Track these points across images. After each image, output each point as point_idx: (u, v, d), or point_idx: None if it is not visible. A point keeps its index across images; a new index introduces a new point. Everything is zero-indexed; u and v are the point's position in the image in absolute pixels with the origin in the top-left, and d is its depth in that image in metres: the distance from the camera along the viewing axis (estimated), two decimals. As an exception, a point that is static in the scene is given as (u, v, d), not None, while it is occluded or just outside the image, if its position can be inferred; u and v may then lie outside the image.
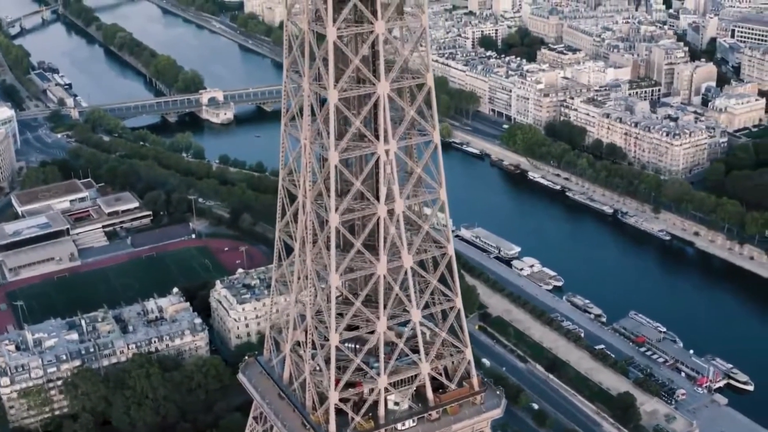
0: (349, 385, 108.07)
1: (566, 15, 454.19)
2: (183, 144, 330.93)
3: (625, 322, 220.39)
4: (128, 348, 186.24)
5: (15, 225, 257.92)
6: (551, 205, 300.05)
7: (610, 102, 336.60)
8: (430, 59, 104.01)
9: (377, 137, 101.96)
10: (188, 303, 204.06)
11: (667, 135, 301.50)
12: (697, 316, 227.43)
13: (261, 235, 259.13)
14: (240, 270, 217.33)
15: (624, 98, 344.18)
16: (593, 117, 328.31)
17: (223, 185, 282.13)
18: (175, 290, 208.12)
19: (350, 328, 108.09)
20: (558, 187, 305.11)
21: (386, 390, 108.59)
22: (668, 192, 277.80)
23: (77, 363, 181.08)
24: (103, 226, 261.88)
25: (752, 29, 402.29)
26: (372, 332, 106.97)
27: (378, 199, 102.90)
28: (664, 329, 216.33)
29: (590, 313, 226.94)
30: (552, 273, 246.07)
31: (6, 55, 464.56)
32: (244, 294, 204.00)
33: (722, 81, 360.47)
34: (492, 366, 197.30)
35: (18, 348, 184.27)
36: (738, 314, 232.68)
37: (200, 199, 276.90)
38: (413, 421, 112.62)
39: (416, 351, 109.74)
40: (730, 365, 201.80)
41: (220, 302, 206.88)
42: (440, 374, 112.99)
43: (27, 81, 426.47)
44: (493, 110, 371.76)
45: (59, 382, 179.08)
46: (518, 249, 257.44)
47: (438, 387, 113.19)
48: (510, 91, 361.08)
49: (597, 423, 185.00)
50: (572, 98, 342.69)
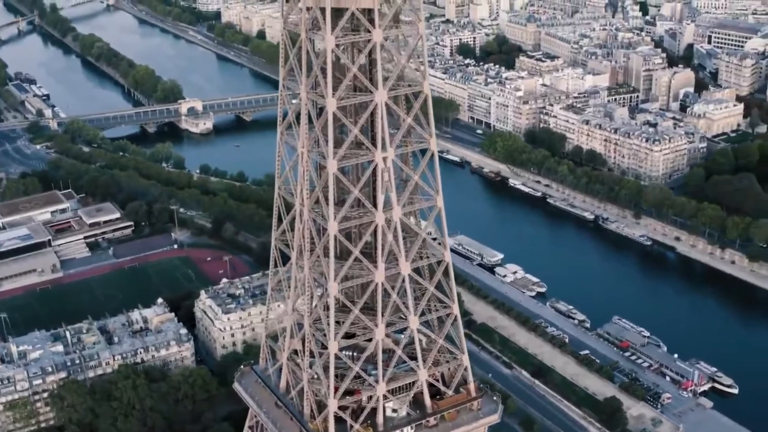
0: (348, 393, 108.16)
1: (544, 22, 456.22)
2: (163, 154, 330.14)
3: (609, 327, 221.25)
4: (114, 359, 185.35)
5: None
6: (532, 212, 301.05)
7: (590, 109, 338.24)
8: (427, 67, 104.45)
9: (374, 145, 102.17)
10: (173, 313, 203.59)
11: (647, 141, 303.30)
12: (680, 321, 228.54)
13: (243, 245, 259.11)
14: (224, 280, 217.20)
15: (603, 105, 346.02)
16: (573, 124, 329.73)
17: (205, 195, 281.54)
18: (160, 301, 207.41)
19: (347, 336, 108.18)
20: (539, 194, 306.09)
21: (385, 397, 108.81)
22: (649, 197, 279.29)
23: (63, 375, 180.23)
24: (85, 237, 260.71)
25: (729, 35, 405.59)
26: (369, 340, 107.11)
27: (376, 207, 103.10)
28: (648, 334, 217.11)
29: (574, 319, 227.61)
30: (535, 279, 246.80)
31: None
32: (229, 304, 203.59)
33: (700, 87, 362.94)
34: (478, 373, 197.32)
35: (2, 360, 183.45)
36: (720, 318, 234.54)
37: (182, 209, 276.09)
38: (411, 428, 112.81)
39: (414, 358, 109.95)
40: (715, 369, 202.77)
41: (205, 312, 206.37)
42: (437, 380, 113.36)
43: (4, 92, 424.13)
44: (473, 118, 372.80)
45: (45, 395, 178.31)
46: (501, 256, 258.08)
47: (435, 393, 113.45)
48: (489, 99, 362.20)
49: (584, 428, 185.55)
50: (551, 105, 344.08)
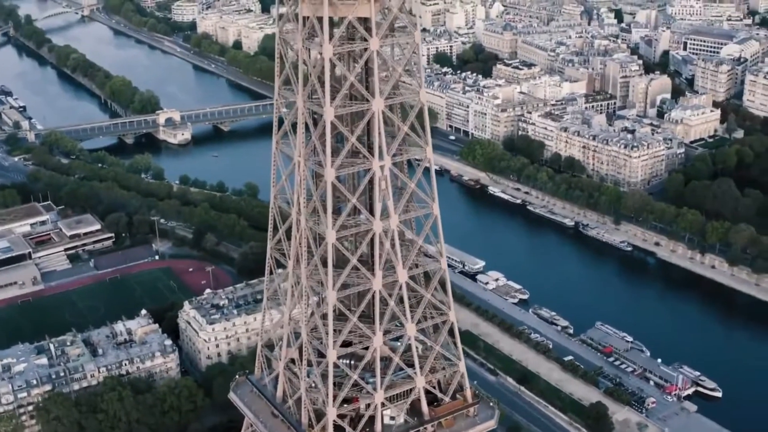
0: (346, 401, 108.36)
1: (520, 31, 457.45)
2: (142, 165, 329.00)
3: (592, 333, 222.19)
4: (99, 371, 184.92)
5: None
6: (512, 219, 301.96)
7: (567, 116, 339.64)
8: (423, 75, 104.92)
9: (371, 153, 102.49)
10: (157, 325, 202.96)
11: (625, 147, 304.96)
12: (662, 326, 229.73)
13: (225, 255, 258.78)
14: (208, 290, 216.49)
15: (580, 112, 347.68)
16: (551, 131, 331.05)
17: (185, 206, 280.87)
18: (144, 312, 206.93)
19: (343, 345, 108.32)
20: (518, 201, 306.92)
21: (383, 405, 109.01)
22: (629, 203, 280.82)
23: (48, 388, 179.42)
24: (65, 249, 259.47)
25: (704, 41, 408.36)
26: (365, 348, 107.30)
27: (373, 215, 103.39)
28: (631, 339, 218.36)
29: (557, 325, 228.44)
30: (517, 286, 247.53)
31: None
32: (214, 314, 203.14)
33: (677, 93, 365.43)
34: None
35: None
36: (702, 322, 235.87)
37: (162, 221, 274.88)
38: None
39: (411, 365, 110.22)
40: (698, 373, 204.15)
41: (189, 323, 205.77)
42: (434, 387, 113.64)
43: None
44: (451, 126, 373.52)
45: (30, 408, 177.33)
46: (482, 263, 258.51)
47: (432, 400, 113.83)
48: (467, 107, 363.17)
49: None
50: (529, 113, 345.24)
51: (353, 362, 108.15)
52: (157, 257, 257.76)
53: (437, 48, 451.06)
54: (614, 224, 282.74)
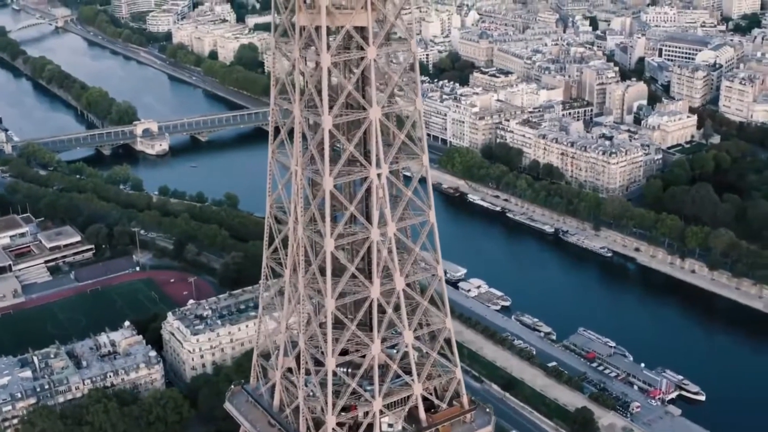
0: (344, 409, 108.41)
1: (496, 39, 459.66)
2: (121, 176, 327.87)
3: (575, 339, 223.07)
4: (84, 383, 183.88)
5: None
6: (492, 227, 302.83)
7: (545, 123, 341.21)
8: (420, 84, 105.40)
9: (368, 161, 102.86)
10: (141, 336, 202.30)
11: (604, 154, 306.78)
12: (644, 330, 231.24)
13: (206, 266, 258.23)
14: (191, 301, 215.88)
15: (558, 119, 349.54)
16: (529, 138, 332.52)
17: (165, 217, 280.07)
18: (127, 324, 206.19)
19: (340, 353, 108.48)
20: (498, 209, 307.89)
21: (381, 412, 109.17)
22: (608, 210, 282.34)
23: (32, 401, 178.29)
24: (46, 262, 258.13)
25: (679, 47, 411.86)
26: (364, 355, 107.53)
27: (371, 223, 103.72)
28: (614, 344, 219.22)
29: (540, 332, 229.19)
30: (499, 293, 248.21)
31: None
32: (198, 325, 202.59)
33: (653, 99, 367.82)
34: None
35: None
36: (683, 327, 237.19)
37: (142, 232, 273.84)
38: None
39: (408, 372, 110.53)
40: (681, 377, 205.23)
41: (173, 334, 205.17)
42: (431, 394, 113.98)
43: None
44: (429, 134, 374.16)
45: (15, 421, 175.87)
46: (464, 271, 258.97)
47: (429, 407, 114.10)
48: (445, 115, 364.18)
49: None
50: (507, 120, 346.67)
51: (350, 370, 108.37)
52: (138, 268, 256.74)
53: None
54: (594, 230, 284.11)
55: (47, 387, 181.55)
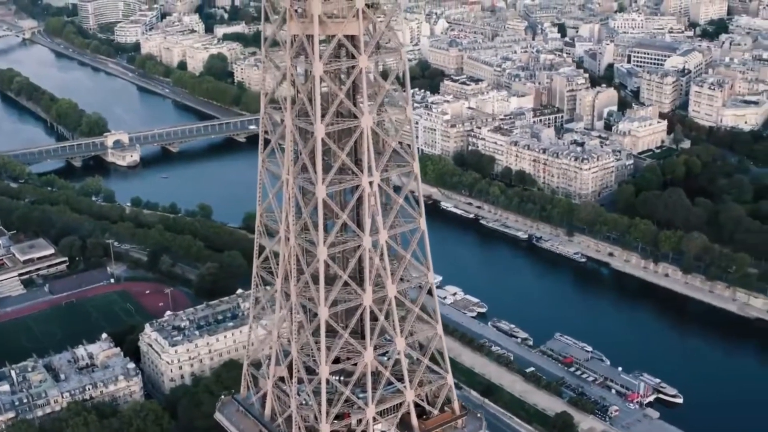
0: (337, 417, 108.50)
1: (465, 47, 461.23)
2: (93, 188, 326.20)
3: (552, 344, 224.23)
4: (62, 397, 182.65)
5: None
6: (466, 234, 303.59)
7: (516, 130, 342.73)
8: (410, 91, 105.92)
9: (360, 170, 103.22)
10: (119, 348, 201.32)
11: (576, 160, 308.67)
12: (620, 335, 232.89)
13: (181, 277, 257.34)
14: (168, 312, 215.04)
15: (529, 126, 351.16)
16: (501, 145, 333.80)
17: (139, 228, 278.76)
18: (105, 336, 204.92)
19: (333, 361, 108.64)
20: (471, 216, 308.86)
21: (374, 419, 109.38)
22: (581, 215, 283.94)
23: (11, 415, 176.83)
24: (19, 275, 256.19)
25: (647, 53, 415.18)
26: (356, 363, 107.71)
27: (363, 231, 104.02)
28: (591, 349, 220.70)
29: (517, 337, 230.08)
30: (475, 300, 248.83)
31: None
32: (176, 336, 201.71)
33: (623, 105, 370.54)
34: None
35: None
36: (659, 330, 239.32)
37: (116, 243, 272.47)
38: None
39: (400, 379, 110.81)
40: (658, 380, 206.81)
41: (151, 346, 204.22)
42: (423, 400, 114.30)
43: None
44: (400, 143, 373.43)
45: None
46: (440, 278, 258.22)
47: (421, 413, 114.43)
48: (416, 123, 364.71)
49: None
50: (479, 128, 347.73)
51: (342, 378, 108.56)
52: (113, 280, 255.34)
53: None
54: (567, 236, 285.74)
55: (26, 401, 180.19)
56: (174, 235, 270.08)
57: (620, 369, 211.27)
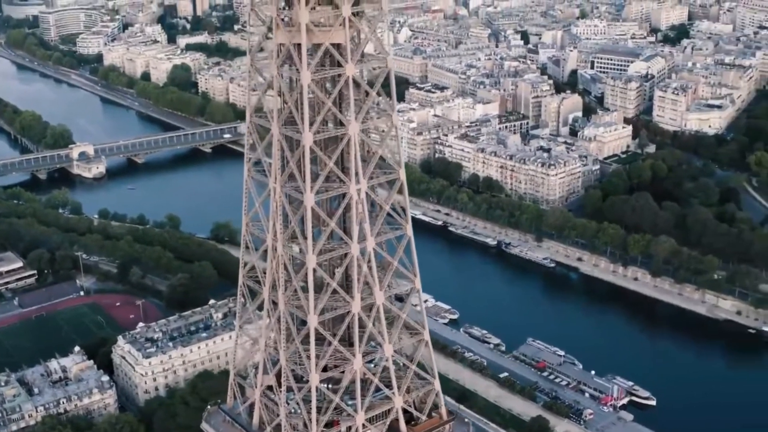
0: (327, 425, 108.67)
1: (429, 54, 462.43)
2: (59, 200, 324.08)
3: (525, 349, 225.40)
4: (36, 411, 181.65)
5: None
6: (435, 241, 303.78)
7: (483, 137, 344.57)
8: (395, 99, 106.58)
9: (348, 177, 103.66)
10: (92, 361, 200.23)
11: (543, 166, 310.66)
12: (592, 338, 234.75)
13: (151, 288, 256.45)
14: (141, 324, 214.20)
15: (495, 132, 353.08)
16: (468, 152, 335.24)
17: (108, 240, 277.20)
18: (77, 349, 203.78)
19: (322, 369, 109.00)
20: (440, 223, 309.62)
21: (363, 426, 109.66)
22: (550, 221, 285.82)
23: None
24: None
25: (611, 59, 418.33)
26: (343, 370, 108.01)
27: (351, 238, 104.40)
28: (563, 353, 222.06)
29: (489, 343, 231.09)
30: (446, 307, 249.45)
31: None
32: (149, 348, 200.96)
33: (587, 111, 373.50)
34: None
35: None
36: (629, 333, 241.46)
37: (84, 255, 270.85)
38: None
39: (388, 385, 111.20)
40: (631, 383, 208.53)
41: (124, 358, 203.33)
42: (410, 406, 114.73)
43: None
44: (367, 151, 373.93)
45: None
46: (411, 286, 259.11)
47: (409, 419, 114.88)
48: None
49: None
50: (445, 135, 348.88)
51: (330, 386, 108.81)
52: (83, 293, 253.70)
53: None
54: (536, 242, 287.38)
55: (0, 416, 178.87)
56: (143, 247, 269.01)
57: (593, 373, 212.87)
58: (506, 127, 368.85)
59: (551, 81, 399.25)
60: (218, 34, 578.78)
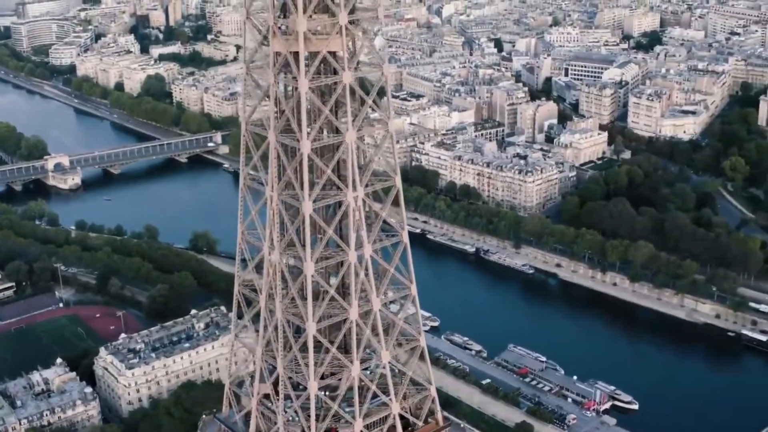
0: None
1: (404, 63, 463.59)
2: (36, 212, 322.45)
3: (506, 356, 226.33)
4: (20, 424, 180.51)
5: None
6: (414, 249, 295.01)
7: (459, 144, 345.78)
8: (391, 106, 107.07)
9: (345, 185, 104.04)
10: (74, 373, 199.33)
11: (520, 173, 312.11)
12: (572, 344, 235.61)
13: (131, 299, 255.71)
14: (123, 335, 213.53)
15: (471, 140, 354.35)
16: (445, 160, 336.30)
17: (86, 251, 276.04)
18: (59, 361, 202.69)
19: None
20: (418, 231, 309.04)
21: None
22: (528, 227, 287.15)
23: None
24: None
25: (584, 66, 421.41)
26: (341, 378, 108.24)
27: (348, 246, 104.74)
28: (545, 359, 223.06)
29: (471, 350, 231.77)
30: (427, 314, 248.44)
31: None
32: (132, 359, 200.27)
33: (563, 118, 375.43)
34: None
35: None
36: (610, 338, 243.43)
37: (62, 267, 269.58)
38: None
39: (385, 392, 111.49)
40: (613, 387, 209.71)
41: (107, 369, 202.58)
42: (407, 413, 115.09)
43: None
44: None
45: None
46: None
47: (405, 426, 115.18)
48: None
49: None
50: (422, 143, 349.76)
51: (327, 393, 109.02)
52: (62, 305, 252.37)
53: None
54: (514, 248, 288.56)
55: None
56: (122, 258, 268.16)
57: (575, 378, 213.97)
58: (482, 135, 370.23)
59: (526, 88, 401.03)
60: (191, 44, 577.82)
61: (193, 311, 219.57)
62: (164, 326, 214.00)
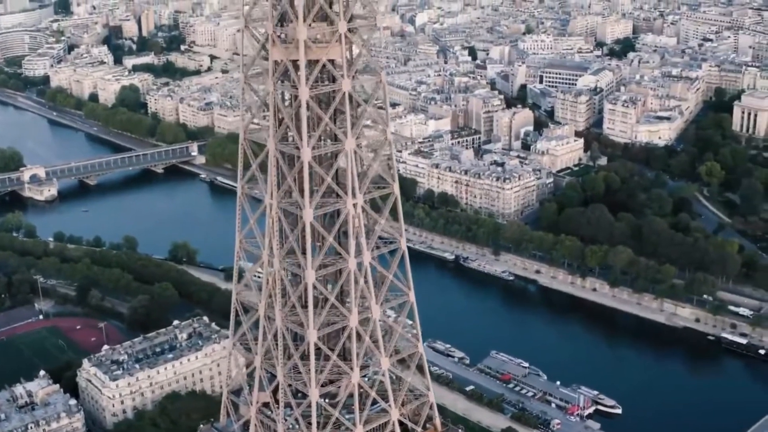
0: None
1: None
2: (13, 224, 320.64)
3: (489, 362, 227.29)
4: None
5: None
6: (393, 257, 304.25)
7: (436, 152, 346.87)
8: (389, 113, 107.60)
9: (344, 192, 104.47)
10: (58, 385, 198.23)
11: (497, 180, 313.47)
12: (554, 350, 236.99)
13: (111, 311, 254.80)
14: (105, 347, 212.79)
15: (448, 148, 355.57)
16: (423, 168, 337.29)
17: (65, 263, 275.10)
18: (42, 373, 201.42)
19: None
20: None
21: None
22: (507, 234, 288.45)
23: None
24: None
25: (559, 73, 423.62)
26: (341, 385, 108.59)
27: (348, 253, 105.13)
28: (527, 365, 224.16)
29: (453, 357, 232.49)
30: (409, 322, 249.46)
31: None
32: (116, 370, 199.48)
33: (539, 125, 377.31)
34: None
35: None
36: (591, 343, 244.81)
37: (41, 279, 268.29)
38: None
39: (384, 398, 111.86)
40: (596, 392, 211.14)
41: (90, 381, 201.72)
42: (406, 419, 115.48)
43: None
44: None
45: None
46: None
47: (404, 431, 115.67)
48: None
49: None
50: (399, 151, 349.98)
51: (327, 400, 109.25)
52: (42, 317, 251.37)
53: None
54: (494, 255, 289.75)
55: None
56: (102, 269, 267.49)
57: (558, 383, 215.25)
58: (459, 143, 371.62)
59: (501, 96, 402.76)
60: (165, 55, 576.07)
61: (176, 322, 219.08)
62: (147, 337, 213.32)
